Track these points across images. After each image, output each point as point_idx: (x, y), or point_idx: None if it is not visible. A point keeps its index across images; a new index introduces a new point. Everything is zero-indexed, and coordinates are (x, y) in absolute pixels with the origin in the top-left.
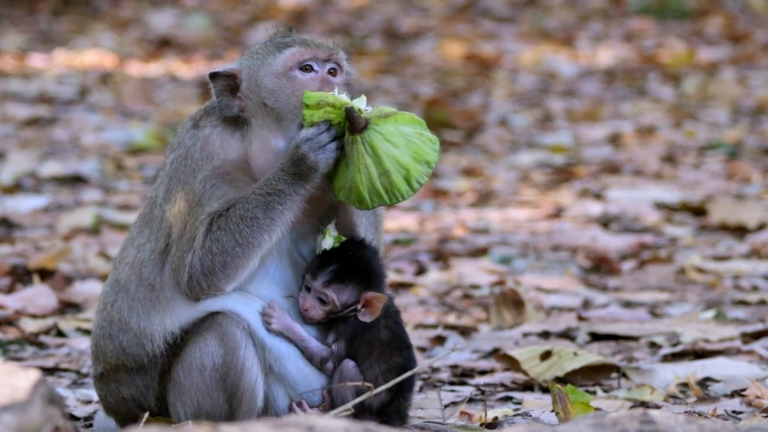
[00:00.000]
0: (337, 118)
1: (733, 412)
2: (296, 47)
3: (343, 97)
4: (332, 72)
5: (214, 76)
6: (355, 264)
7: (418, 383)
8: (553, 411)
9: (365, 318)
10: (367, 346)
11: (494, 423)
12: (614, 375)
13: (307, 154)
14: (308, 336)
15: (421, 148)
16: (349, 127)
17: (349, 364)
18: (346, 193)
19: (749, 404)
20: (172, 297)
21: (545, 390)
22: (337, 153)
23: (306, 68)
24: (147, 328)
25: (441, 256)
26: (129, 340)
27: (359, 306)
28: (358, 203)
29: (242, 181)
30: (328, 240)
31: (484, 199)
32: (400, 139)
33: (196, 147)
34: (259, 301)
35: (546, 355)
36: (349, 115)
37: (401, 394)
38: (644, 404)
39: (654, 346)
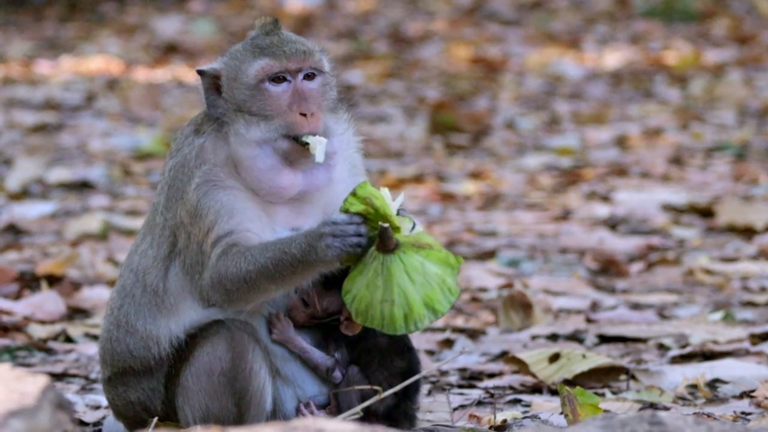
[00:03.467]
0: (373, 220)
1: (742, 413)
2: (266, 59)
3: (391, 207)
4: (309, 76)
5: (201, 73)
6: (342, 272)
7: (427, 386)
8: (562, 413)
9: (347, 331)
10: (367, 354)
11: (503, 426)
12: (623, 377)
13: (324, 236)
14: (310, 347)
15: (435, 294)
16: (377, 243)
17: (354, 369)
18: (350, 298)
19: (758, 405)
20: (175, 302)
21: (554, 392)
22: (357, 250)
23: (277, 79)
24: (153, 331)
25: None
26: (135, 343)
27: (342, 318)
28: (354, 313)
29: (233, 185)
30: None
31: (491, 202)
32: (419, 277)
33: (191, 155)
34: (264, 306)
35: (554, 358)
36: (382, 233)
37: (407, 397)
38: (653, 406)
39: (662, 347)
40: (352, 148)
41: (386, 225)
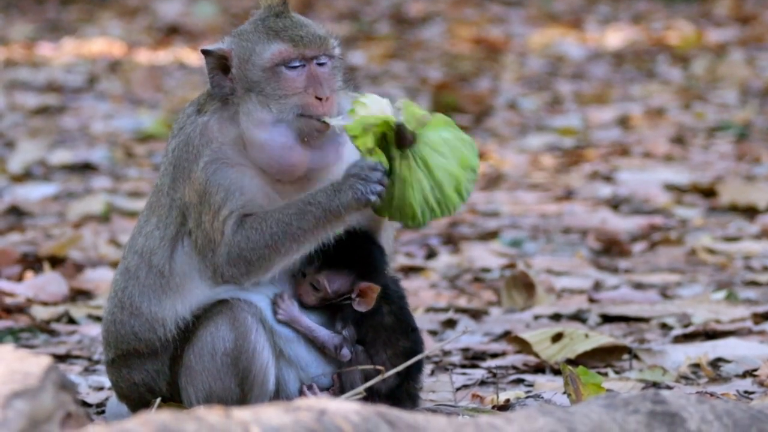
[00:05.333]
0: (380, 130)
1: (745, 392)
2: (283, 44)
3: (383, 111)
4: (321, 63)
5: (206, 53)
6: (350, 253)
7: (430, 366)
8: (564, 393)
9: (360, 308)
10: (373, 332)
11: (506, 405)
12: (626, 356)
13: (351, 177)
14: (317, 326)
15: (464, 153)
16: (397, 142)
17: (358, 348)
18: (394, 212)
19: (761, 384)
20: (181, 283)
21: (557, 372)
22: (377, 199)
23: (291, 65)
24: (158, 313)
25: (451, 240)
26: (141, 325)
27: (353, 295)
28: (410, 220)
29: (242, 163)
30: None
31: (493, 182)
32: (445, 148)
33: (195, 133)
34: (269, 287)
35: (557, 337)
36: (399, 132)
37: (410, 377)
38: (656, 385)
39: (665, 327)
40: None
41: (399, 122)
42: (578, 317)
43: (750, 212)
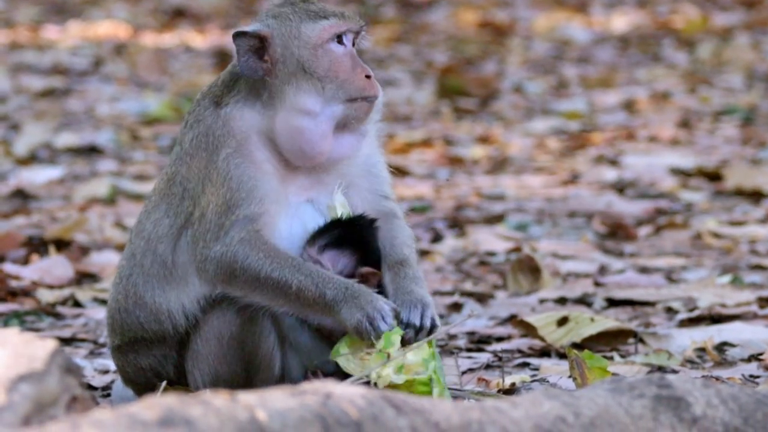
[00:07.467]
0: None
1: (751, 376)
2: (332, 19)
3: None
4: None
5: (241, 35)
6: (354, 236)
7: (436, 350)
8: (570, 377)
9: None
10: None
11: (511, 389)
12: (631, 340)
13: (365, 318)
14: None
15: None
16: None
17: None
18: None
19: (766, 368)
20: (184, 275)
21: (562, 356)
22: (369, 337)
23: (339, 41)
24: (163, 304)
25: (457, 224)
26: (146, 316)
27: (357, 279)
28: None
29: (261, 158)
30: (337, 208)
31: (499, 166)
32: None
33: (217, 124)
34: None
35: (563, 321)
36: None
37: None
38: (661, 369)
39: (671, 311)
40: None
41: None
42: (584, 301)
43: (755, 196)
